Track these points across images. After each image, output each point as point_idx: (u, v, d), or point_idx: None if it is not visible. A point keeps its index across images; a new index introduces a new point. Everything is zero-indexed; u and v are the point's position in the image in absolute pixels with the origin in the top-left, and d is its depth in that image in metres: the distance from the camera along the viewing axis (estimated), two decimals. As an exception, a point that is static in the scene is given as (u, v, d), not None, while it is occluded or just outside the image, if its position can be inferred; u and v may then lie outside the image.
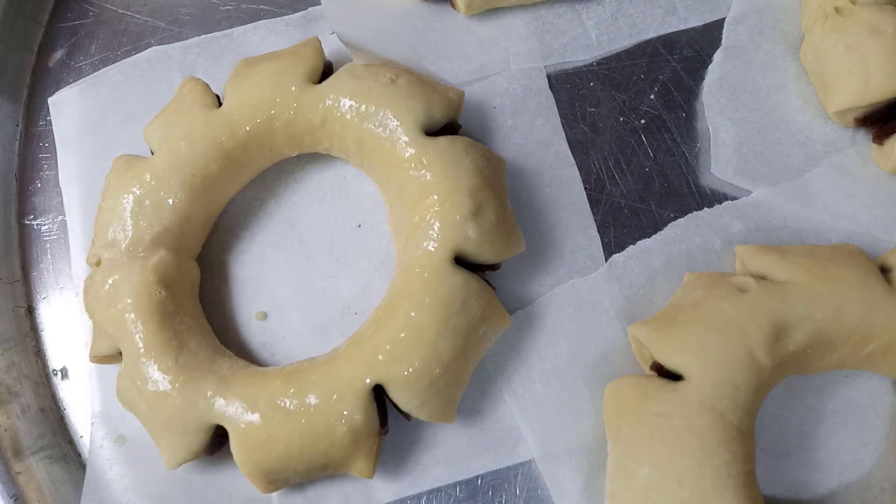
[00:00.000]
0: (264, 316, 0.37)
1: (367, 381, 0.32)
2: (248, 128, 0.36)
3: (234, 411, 0.32)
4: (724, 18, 0.39)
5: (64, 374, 0.39)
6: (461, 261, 0.33)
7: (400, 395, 0.32)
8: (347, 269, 0.37)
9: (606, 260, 0.37)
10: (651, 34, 0.40)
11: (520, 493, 0.35)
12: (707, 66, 0.39)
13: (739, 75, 0.38)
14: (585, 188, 0.38)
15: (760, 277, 0.33)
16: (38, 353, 0.40)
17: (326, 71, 0.37)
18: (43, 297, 0.40)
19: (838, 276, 0.32)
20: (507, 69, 0.39)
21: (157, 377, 0.33)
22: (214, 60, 0.41)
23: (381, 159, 0.35)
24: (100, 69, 0.42)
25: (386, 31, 0.40)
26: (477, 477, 0.35)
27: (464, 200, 0.33)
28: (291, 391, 0.32)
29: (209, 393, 0.33)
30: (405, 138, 0.34)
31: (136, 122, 0.39)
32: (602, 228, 0.37)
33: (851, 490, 0.33)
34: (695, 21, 0.40)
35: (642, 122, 0.39)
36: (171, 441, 0.33)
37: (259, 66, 0.36)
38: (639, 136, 0.39)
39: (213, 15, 0.42)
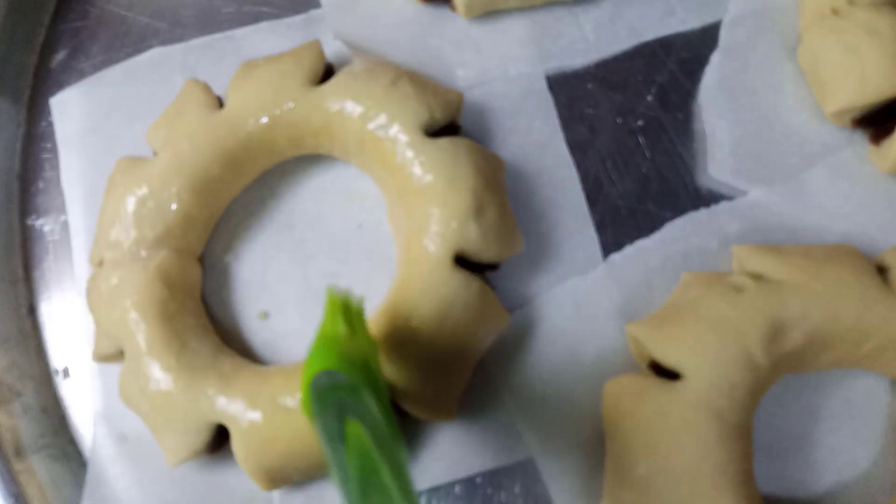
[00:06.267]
0: (266, 315, 0.38)
1: (368, 379, 0.32)
2: (249, 130, 0.36)
3: (235, 410, 0.32)
4: (721, 20, 0.39)
5: (66, 373, 0.39)
6: (461, 261, 0.33)
7: (400, 394, 0.32)
8: (348, 269, 0.38)
9: (604, 260, 0.37)
10: (649, 36, 0.40)
11: (518, 491, 0.35)
12: (704, 68, 0.39)
13: (736, 77, 0.38)
14: (584, 189, 0.38)
15: (757, 277, 0.33)
16: (40, 352, 0.40)
17: (327, 73, 0.37)
18: (45, 296, 0.40)
19: (835, 275, 0.32)
20: (506, 71, 0.39)
21: (160, 376, 0.33)
22: (216, 62, 0.41)
23: (382, 160, 0.35)
24: (102, 70, 0.42)
25: (386, 33, 0.40)
26: (476, 475, 0.35)
27: (465, 200, 0.33)
28: (293, 390, 0.32)
29: (211, 391, 0.33)
30: (406, 139, 0.34)
31: (138, 122, 0.39)
32: (600, 228, 0.37)
33: (849, 489, 0.34)
34: (692, 23, 0.40)
35: (640, 123, 0.39)
36: (173, 439, 0.33)
37: (260, 68, 0.37)
38: (636, 137, 0.39)
39: (215, 17, 0.42)
